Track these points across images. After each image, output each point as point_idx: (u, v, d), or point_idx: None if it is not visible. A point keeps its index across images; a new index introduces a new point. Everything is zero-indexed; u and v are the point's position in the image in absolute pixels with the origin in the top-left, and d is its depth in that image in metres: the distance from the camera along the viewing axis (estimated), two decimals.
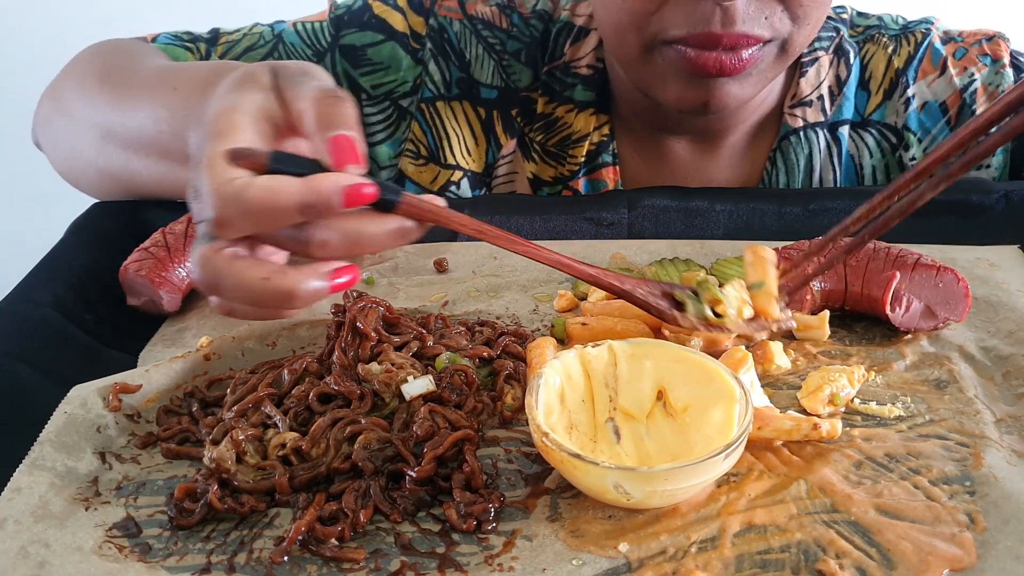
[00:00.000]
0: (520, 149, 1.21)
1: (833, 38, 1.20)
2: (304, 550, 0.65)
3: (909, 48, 1.19)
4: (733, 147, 1.20)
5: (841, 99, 1.19)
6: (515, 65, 1.20)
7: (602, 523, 0.66)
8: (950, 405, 0.76)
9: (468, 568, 0.63)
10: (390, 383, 0.75)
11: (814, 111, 1.18)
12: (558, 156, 1.20)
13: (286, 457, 0.71)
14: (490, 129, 1.21)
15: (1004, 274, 0.93)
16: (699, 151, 1.20)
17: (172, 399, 0.80)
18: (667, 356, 0.74)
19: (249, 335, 0.86)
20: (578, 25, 1.19)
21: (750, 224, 1.05)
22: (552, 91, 1.20)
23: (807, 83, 1.18)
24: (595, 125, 1.19)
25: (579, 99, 1.18)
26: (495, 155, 1.22)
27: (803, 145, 1.18)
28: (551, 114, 1.20)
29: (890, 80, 1.19)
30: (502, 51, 1.20)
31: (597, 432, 0.72)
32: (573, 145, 1.19)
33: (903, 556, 0.62)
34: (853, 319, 0.87)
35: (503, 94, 1.20)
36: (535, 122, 1.21)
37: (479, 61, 1.20)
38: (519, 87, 1.20)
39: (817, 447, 0.71)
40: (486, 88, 1.20)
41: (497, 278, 0.97)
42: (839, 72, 1.19)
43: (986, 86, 1.18)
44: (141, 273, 0.92)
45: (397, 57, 1.18)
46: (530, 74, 1.20)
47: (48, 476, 0.70)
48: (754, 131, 1.20)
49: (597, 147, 1.19)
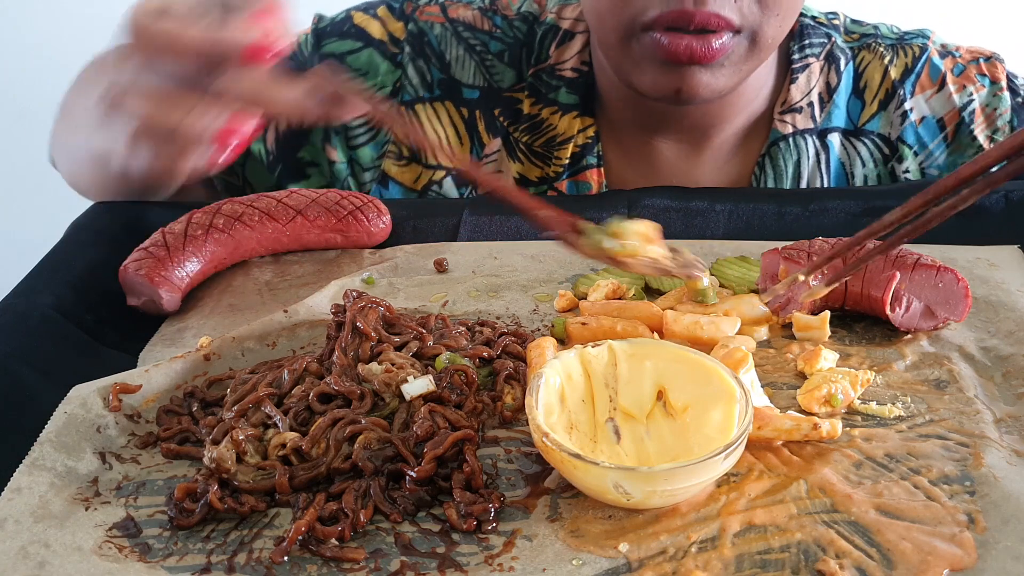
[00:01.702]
0: (505, 149, 1.23)
1: (824, 44, 1.20)
2: (304, 550, 0.65)
3: (906, 60, 1.20)
4: (719, 150, 1.21)
5: (831, 106, 1.20)
6: (498, 65, 1.21)
7: (602, 523, 0.66)
8: (950, 405, 0.76)
9: (468, 568, 0.63)
10: (390, 383, 0.75)
11: (804, 118, 1.19)
12: (544, 157, 1.21)
13: (286, 457, 0.71)
14: (473, 128, 1.23)
15: (1004, 274, 0.93)
16: (685, 153, 1.20)
17: (172, 399, 0.80)
18: (667, 356, 0.74)
19: (249, 335, 0.86)
20: (564, 28, 1.20)
21: (750, 224, 1.05)
22: (538, 92, 1.21)
23: (797, 89, 1.19)
24: (579, 128, 1.20)
25: (563, 102, 1.20)
26: (479, 154, 1.23)
27: (792, 151, 1.19)
28: (537, 115, 1.21)
29: (886, 91, 1.20)
30: (484, 52, 1.21)
31: (597, 432, 0.72)
32: (558, 147, 1.21)
33: (903, 556, 0.62)
34: (853, 319, 0.87)
35: (485, 94, 1.22)
36: (521, 123, 1.22)
37: (460, 62, 1.22)
38: (502, 87, 1.22)
39: (817, 447, 0.71)
40: (468, 88, 1.22)
41: (497, 278, 0.97)
42: (829, 79, 1.20)
43: (984, 107, 1.19)
44: (141, 273, 0.92)
45: (374, 63, 1.21)
46: (513, 74, 1.22)
47: (48, 476, 0.70)
48: (742, 135, 1.20)
49: (582, 149, 1.20)
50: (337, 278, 0.96)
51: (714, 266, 0.96)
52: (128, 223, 1.05)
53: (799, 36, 1.20)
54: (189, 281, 0.95)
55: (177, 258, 0.94)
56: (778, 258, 0.88)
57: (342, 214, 1.02)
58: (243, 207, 1.00)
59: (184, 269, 0.94)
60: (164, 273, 0.93)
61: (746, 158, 1.21)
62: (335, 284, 0.94)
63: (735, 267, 0.95)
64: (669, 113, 1.16)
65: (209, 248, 0.97)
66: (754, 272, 0.93)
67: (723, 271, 0.95)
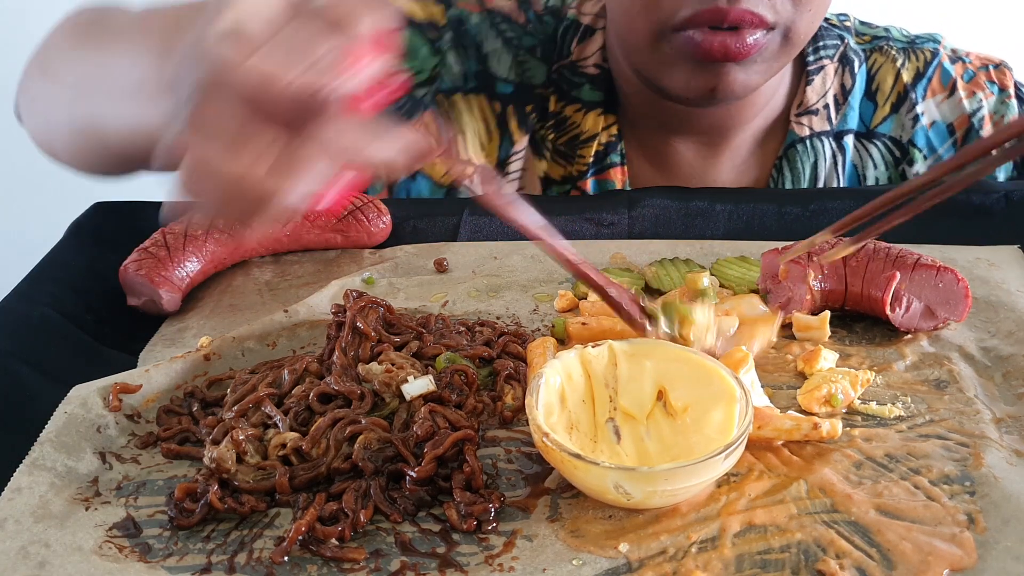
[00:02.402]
0: (532, 146, 1.21)
1: (838, 46, 1.20)
2: (304, 550, 0.65)
3: (918, 64, 1.20)
4: (737, 151, 1.20)
5: (846, 108, 1.20)
6: (530, 60, 1.20)
7: (602, 523, 0.66)
8: (950, 405, 0.76)
9: (468, 568, 0.63)
10: (390, 383, 0.75)
11: (820, 120, 1.19)
12: (567, 155, 1.20)
13: (286, 457, 0.71)
14: (504, 124, 1.21)
15: (1004, 274, 0.93)
16: (704, 153, 1.20)
17: (172, 399, 0.80)
18: (667, 356, 0.74)
19: (249, 335, 0.86)
20: (584, 24, 1.19)
21: (750, 224, 1.05)
22: (561, 90, 1.20)
23: (813, 92, 1.18)
24: (603, 125, 1.19)
25: (587, 99, 1.19)
26: (507, 151, 1.21)
27: (809, 154, 1.18)
28: (560, 112, 1.20)
29: (898, 94, 1.20)
30: (518, 46, 1.19)
31: (597, 432, 0.72)
32: (582, 145, 1.19)
33: (903, 556, 0.62)
34: (853, 319, 0.87)
35: (518, 89, 1.20)
36: (547, 120, 1.21)
37: (497, 55, 1.19)
38: (534, 83, 1.20)
39: (817, 447, 0.71)
40: (502, 83, 1.20)
41: (497, 278, 0.97)
42: (844, 81, 1.20)
43: (992, 114, 1.19)
44: (141, 273, 0.92)
45: (415, 46, 1.18)
46: (544, 70, 1.20)
47: (48, 476, 0.70)
48: (760, 137, 1.20)
49: (605, 147, 1.19)
50: (337, 278, 0.96)
51: (714, 266, 0.96)
52: (128, 223, 1.05)
53: (813, 38, 1.20)
54: (189, 281, 0.95)
55: (177, 258, 0.94)
56: (778, 258, 0.88)
57: (342, 214, 1.02)
58: None
59: (184, 269, 0.94)
60: (164, 273, 0.93)
61: (764, 160, 1.21)
62: (335, 284, 0.94)
63: (735, 267, 0.95)
64: (688, 114, 1.15)
65: (209, 248, 0.97)
66: (754, 272, 0.93)
67: (723, 271, 0.95)
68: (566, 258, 0.75)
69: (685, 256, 0.98)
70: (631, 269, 0.97)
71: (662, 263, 0.96)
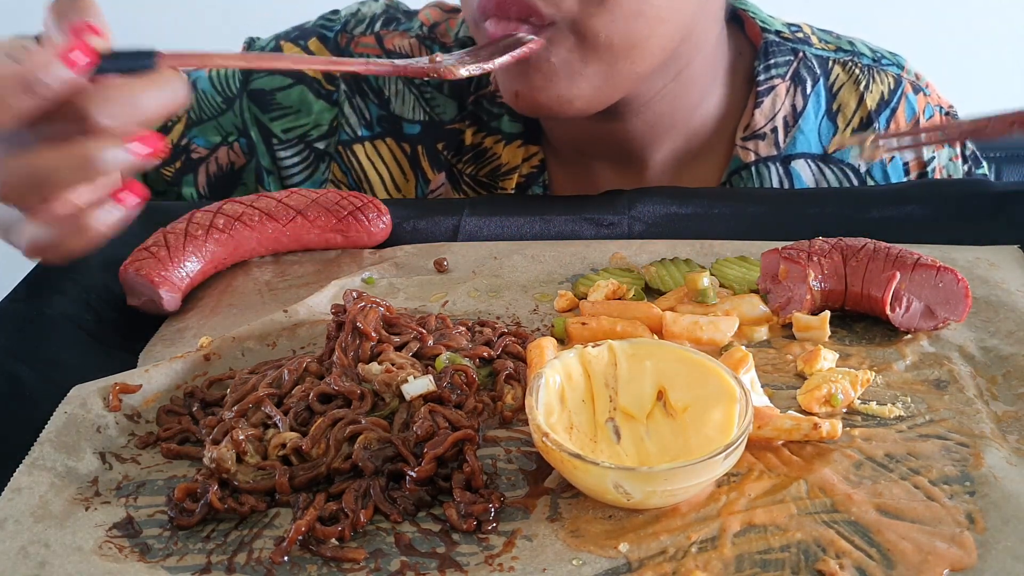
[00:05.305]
0: (450, 182, 1.20)
1: (790, 62, 1.16)
2: (304, 550, 0.65)
3: (882, 88, 1.17)
4: (664, 175, 1.17)
5: (795, 132, 1.15)
6: (439, 98, 1.18)
7: (602, 523, 0.66)
8: (950, 405, 0.76)
9: (468, 568, 0.63)
10: (390, 383, 0.75)
11: (767, 144, 1.15)
12: (489, 187, 1.19)
13: (286, 457, 0.71)
14: (416, 164, 1.20)
15: (1004, 274, 0.93)
16: (627, 177, 1.17)
17: (172, 399, 0.80)
18: (667, 356, 0.74)
19: (249, 335, 0.86)
20: None
21: (750, 224, 1.05)
22: (480, 120, 1.18)
23: (762, 114, 1.15)
24: (524, 157, 1.17)
25: (507, 131, 1.17)
26: (424, 189, 1.20)
27: (753, 180, 1.15)
28: (479, 144, 1.18)
29: (860, 119, 1.17)
30: (423, 85, 1.17)
31: (597, 432, 0.72)
32: (503, 177, 1.18)
33: (903, 556, 0.62)
34: (853, 319, 0.87)
35: (427, 128, 1.19)
36: (464, 154, 1.19)
37: (399, 96, 1.18)
38: (444, 120, 1.18)
39: (817, 447, 0.71)
40: (409, 123, 1.19)
41: (497, 278, 0.97)
42: (795, 102, 1.15)
43: (942, 168, 1.18)
44: (141, 273, 0.92)
45: (307, 101, 1.17)
46: (455, 106, 1.18)
47: (48, 476, 0.70)
48: (689, 160, 1.16)
49: (527, 179, 1.18)
50: (337, 278, 0.96)
51: (714, 266, 0.96)
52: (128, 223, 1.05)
53: (764, 55, 1.15)
54: (189, 281, 0.95)
55: (177, 258, 0.94)
56: (778, 258, 0.88)
57: (342, 214, 1.02)
58: (243, 207, 1.00)
59: (184, 269, 0.94)
60: (164, 273, 0.93)
61: (703, 184, 1.17)
62: (335, 284, 0.94)
63: (735, 267, 0.95)
64: (597, 134, 1.11)
65: (209, 248, 0.97)
66: (754, 272, 0.93)
67: (723, 271, 0.95)
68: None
69: (685, 256, 0.98)
70: (631, 269, 0.97)
71: (662, 263, 0.96)
